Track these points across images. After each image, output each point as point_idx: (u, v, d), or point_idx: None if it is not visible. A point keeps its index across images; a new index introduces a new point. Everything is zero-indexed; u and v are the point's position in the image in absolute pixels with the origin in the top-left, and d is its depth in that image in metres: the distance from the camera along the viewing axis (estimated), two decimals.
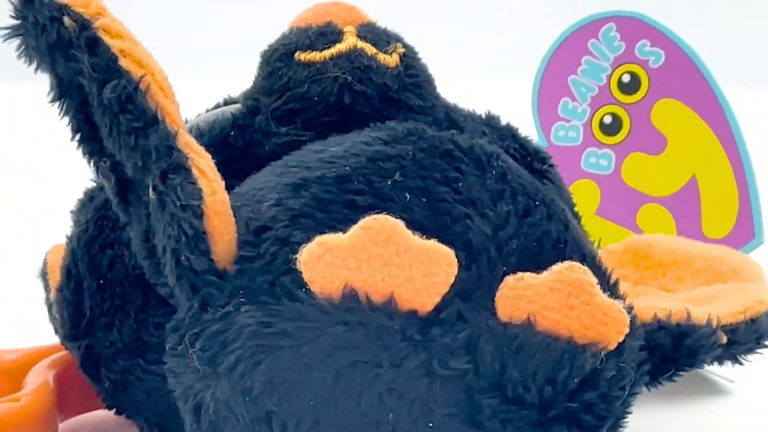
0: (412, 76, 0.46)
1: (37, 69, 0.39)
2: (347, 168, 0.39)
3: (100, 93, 0.37)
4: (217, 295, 0.37)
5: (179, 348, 0.37)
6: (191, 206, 0.37)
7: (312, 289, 0.36)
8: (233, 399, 0.36)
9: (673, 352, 0.44)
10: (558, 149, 0.64)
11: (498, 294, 0.37)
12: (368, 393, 0.35)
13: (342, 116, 0.45)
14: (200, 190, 0.37)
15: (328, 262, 0.35)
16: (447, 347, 0.36)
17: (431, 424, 0.36)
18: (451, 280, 0.36)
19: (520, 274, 0.37)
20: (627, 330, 0.37)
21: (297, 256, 0.36)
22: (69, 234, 0.47)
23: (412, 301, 0.36)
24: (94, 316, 0.44)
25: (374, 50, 0.46)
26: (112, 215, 0.44)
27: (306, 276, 0.36)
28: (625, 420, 0.39)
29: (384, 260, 0.35)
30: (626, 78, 0.63)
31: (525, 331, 0.36)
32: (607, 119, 0.64)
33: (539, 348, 0.36)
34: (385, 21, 0.48)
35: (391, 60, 0.46)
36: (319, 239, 0.36)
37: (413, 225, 0.36)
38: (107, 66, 0.37)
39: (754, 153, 0.61)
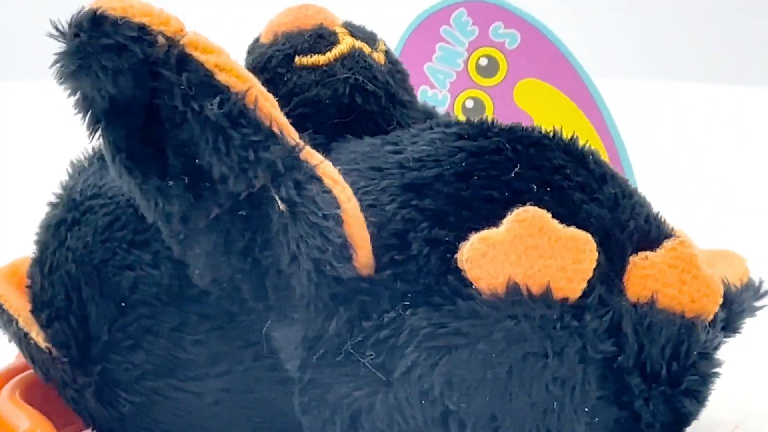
0: (399, 72, 0.47)
1: (78, 92, 0.37)
2: (461, 165, 0.39)
3: (200, 110, 0.36)
4: (373, 301, 0.37)
5: (336, 358, 0.37)
6: (332, 215, 0.36)
7: (478, 286, 0.36)
8: (408, 402, 0.36)
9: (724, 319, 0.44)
10: None
11: (627, 275, 0.38)
12: (537, 384, 0.36)
13: (354, 117, 0.44)
14: (336, 197, 0.36)
15: (492, 257, 0.36)
16: (595, 331, 0.37)
17: (586, 409, 0.37)
18: (594, 265, 0.37)
19: (642, 254, 0.38)
20: (721, 300, 0.39)
21: (457, 254, 0.36)
22: (46, 258, 0.44)
23: (564, 289, 0.37)
24: (114, 339, 0.42)
25: (369, 49, 0.46)
26: (124, 236, 0.42)
27: (472, 273, 0.36)
28: None
29: (539, 251, 0.36)
30: (483, 62, 0.64)
31: (651, 309, 0.38)
32: (469, 104, 0.64)
33: (664, 325, 0.38)
34: None
35: (381, 57, 0.46)
36: (479, 236, 0.36)
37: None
38: (202, 82, 0.36)
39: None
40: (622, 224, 0.39)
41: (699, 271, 0.39)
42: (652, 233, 0.40)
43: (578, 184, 0.40)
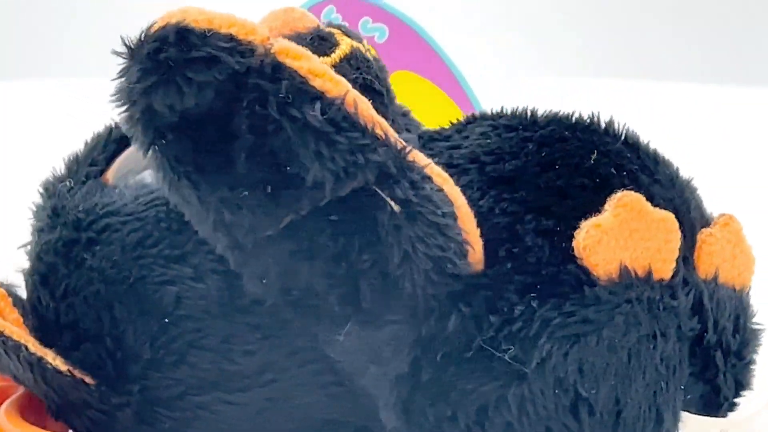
0: (383, 68, 0.46)
1: (142, 107, 0.36)
2: (540, 155, 0.40)
3: (300, 117, 0.35)
4: (498, 295, 0.37)
5: (466, 354, 0.37)
6: (450, 213, 0.36)
7: (596, 273, 0.37)
8: (542, 393, 0.37)
9: None
10: None
11: (697, 252, 0.40)
12: (650, 365, 0.38)
13: None
14: (448, 195, 0.36)
15: (606, 243, 0.37)
16: (684, 310, 0.38)
17: (683, 387, 0.39)
18: (679, 244, 0.38)
19: (706, 230, 0.40)
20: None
21: (574, 243, 0.37)
22: (58, 281, 0.42)
23: (660, 270, 0.38)
24: (156, 357, 0.41)
25: (364, 47, 0.45)
26: (160, 252, 0.41)
27: (590, 260, 0.37)
28: None
29: (640, 234, 0.37)
30: None
31: (716, 284, 0.40)
32: None
33: (727, 299, 0.40)
34: None
35: (373, 54, 0.46)
36: (592, 223, 0.37)
37: None
38: (299, 89, 0.35)
39: None
40: (687, 203, 0.41)
41: (745, 245, 0.41)
42: (705, 212, 0.42)
43: (640, 166, 0.40)
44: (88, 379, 0.41)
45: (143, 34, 0.35)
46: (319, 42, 0.44)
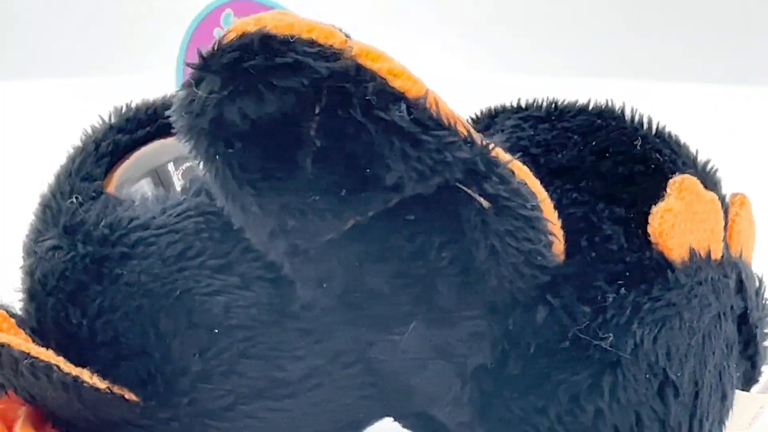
0: None
1: (212, 117, 0.35)
2: (592, 144, 0.40)
3: (385, 119, 0.34)
4: (587, 285, 0.37)
5: (561, 345, 0.37)
6: (537, 206, 0.36)
7: (672, 257, 0.38)
8: (635, 378, 0.37)
9: None
10: None
11: (729, 231, 0.41)
12: (718, 346, 0.39)
13: None
14: (532, 189, 0.36)
15: (679, 227, 0.38)
16: (732, 289, 0.40)
17: (736, 364, 0.40)
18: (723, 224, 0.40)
19: (734, 210, 0.41)
20: None
21: (649, 228, 0.38)
22: (90, 299, 0.40)
23: (715, 251, 0.39)
24: (206, 368, 0.40)
25: None
26: (203, 263, 0.40)
27: (666, 245, 0.38)
28: None
29: (700, 216, 0.39)
30: None
31: (743, 262, 0.41)
32: None
33: (752, 276, 0.41)
34: None
35: None
36: (664, 208, 0.38)
37: None
38: (382, 90, 0.35)
39: None
40: (716, 184, 0.42)
41: (754, 222, 0.42)
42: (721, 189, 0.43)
43: (670, 150, 0.41)
44: (128, 396, 0.40)
45: (218, 44, 0.34)
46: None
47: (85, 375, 0.39)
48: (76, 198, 0.42)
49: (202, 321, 0.40)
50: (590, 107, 0.42)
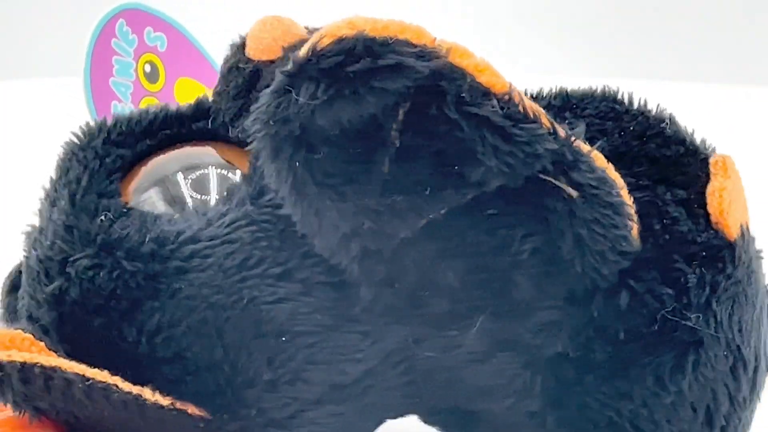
0: None
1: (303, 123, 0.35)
2: (628, 130, 0.41)
3: (478, 114, 0.35)
4: (667, 268, 0.39)
5: (650, 328, 0.38)
6: (620, 192, 0.37)
7: (731, 235, 0.39)
8: (715, 355, 0.39)
9: None
10: None
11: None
12: (765, 320, 0.41)
13: None
14: (613, 177, 0.37)
15: (733, 205, 0.40)
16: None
17: None
18: None
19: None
20: None
21: (709, 208, 0.39)
22: (147, 314, 0.39)
23: (749, 226, 0.41)
24: (275, 377, 0.39)
25: None
26: (265, 271, 0.39)
27: (727, 224, 0.39)
28: None
29: (740, 193, 0.40)
30: (148, 68, 0.61)
31: None
32: None
33: None
34: None
35: None
36: (719, 188, 0.40)
37: None
38: (472, 87, 0.35)
39: None
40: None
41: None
42: None
43: (681, 130, 0.43)
44: (191, 410, 0.39)
45: (313, 50, 0.34)
46: None
47: (147, 393, 0.38)
48: (106, 215, 0.41)
49: (269, 330, 0.39)
50: (599, 93, 0.43)
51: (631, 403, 0.39)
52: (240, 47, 0.44)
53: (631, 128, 0.41)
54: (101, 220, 0.40)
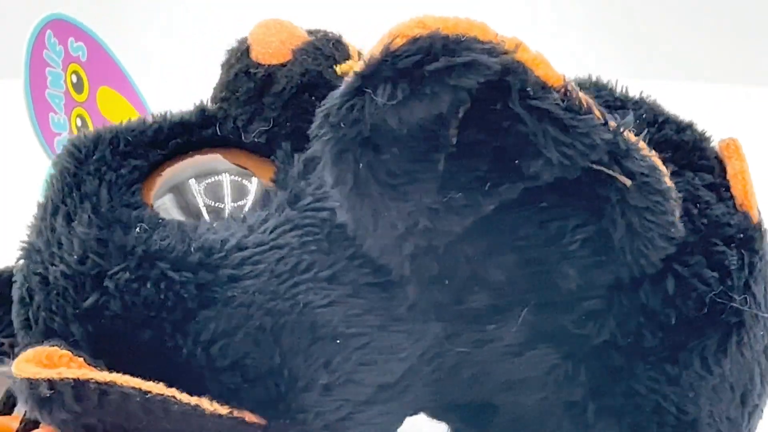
0: None
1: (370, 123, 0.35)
2: (642, 117, 0.42)
3: (541, 108, 0.35)
4: (709, 251, 0.40)
5: (699, 312, 0.39)
6: (666, 179, 0.37)
7: (753, 216, 0.41)
8: (755, 335, 0.40)
9: None
10: None
11: None
12: None
13: None
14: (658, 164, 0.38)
15: (751, 188, 0.41)
16: None
17: None
18: None
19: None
20: None
21: (734, 192, 0.41)
22: (202, 325, 0.38)
23: None
24: (332, 379, 0.39)
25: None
26: (316, 275, 0.39)
27: (750, 205, 0.41)
28: None
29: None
30: (74, 78, 0.59)
31: None
32: (79, 122, 0.60)
33: None
34: None
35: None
36: (739, 172, 0.41)
37: None
38: (533, 81, 0.35)
39: None
40: None
41: None
42: None
43: None
44: (248, 418, 0.39)
45: (386, 50, 0.34)
46: (338, 48, 0.44)
47: (205, 403, 0.37)
48: (141, 227, 0.40)
49: (324, 333, 0.39)
50: (593, 83, 0.44)
51: (678, 388, 0.40)
52: (244, 52, 0.43)
53: (643, 115, 0.42)
54: (137, 231, 0.39)
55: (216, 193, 0.41)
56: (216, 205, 0.41)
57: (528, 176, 0.36)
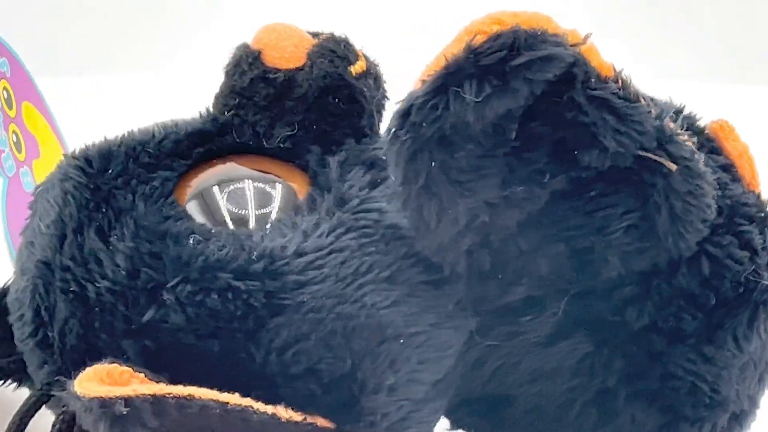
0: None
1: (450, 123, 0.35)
2: None
3: (602, 98, 0.36)
4: (737, 231, 0.41)
5: (734, 292, 0.40)
6: (703, 162, 0.38)
7: (761, 194, 0.42)
8: None
9: None
10: (13, 178, 0.61)
11: None
12: None
13: None
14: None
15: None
16: None
17: None
18: None
19: None
20: None
21: (744, 173, 0.42)
22: (275, 332, 0.38)
23: None
24: (396, 380, 0.40)
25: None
26: (377, 277, 0.39)
27: (757, 184, 0.42)
28: None
29: None
30: (5, 94, 0.58)
31: None
32: (14, 138, 0.58)
33: None
34: None
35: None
36: (745, 153, 0.42)
37: None
38: (596, 71, 0.36)
39: None
40: None
41: None
42: None
43: None
44: (320, 423, 0.38)
45: (469, 48, 0.35)
46: (348, 49, 0.44)
47: (280, 411, 0.37)
48: (194, 237, 0.39)
49: (390, 334, 0.39)
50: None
51: (714, 367, 0.41)
52: (256, 58, 0.43)
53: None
54: (192, 243, 0.39)
55: (239, 200, 0.41)
56: (240, 212, 0.41)
57: (583, 166, 0.37)
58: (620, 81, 0.36)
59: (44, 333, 0.40)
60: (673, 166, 0.37)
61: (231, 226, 0.40)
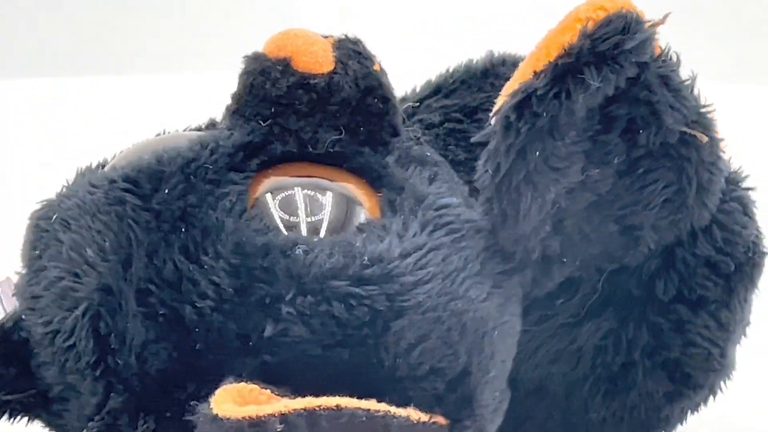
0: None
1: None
2: None
3: (668, 77, 0.38)
4: (744, 202, 0.43)
5: (746, 254, 0.42)
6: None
7: None
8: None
9: None
10: None
11: None
12: None
13: None
14: None
15: None
16: None
17: None
18: None
19: None
20: None
21: None
22: (390, 333, 0.38)
23: None
24: (496, 372, 0.40)
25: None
26: (468, 275, 0.40)
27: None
28: None
29: None
30: None
31: None
32: None
33: None
34: None
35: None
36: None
37: None
38: (657, 54, 0.38)
39: None
40: None
41: None
42: None
43: None
44: (440, 421, 0.38)
45: (583, 35, 0.36)
46: (362, 49, 0.43)
47: (412, 413, 0.37)
48: (300, 248, 0.38)
49: (490, 327, 0.39)
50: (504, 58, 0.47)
51: (726, 333, 0.43)
52: (286, 66, 0.42)
53: None
54: (299, 254, 0.38)
55: (290, 206, 0.40)
56: (291, 219, 0.40)
57: (640, 145, 0.38)
58: (672, 58, 0.38)
59: (113, 360, 0.38)
60: (705, 138, 0.39)
61: (285, 233, 0.39)
